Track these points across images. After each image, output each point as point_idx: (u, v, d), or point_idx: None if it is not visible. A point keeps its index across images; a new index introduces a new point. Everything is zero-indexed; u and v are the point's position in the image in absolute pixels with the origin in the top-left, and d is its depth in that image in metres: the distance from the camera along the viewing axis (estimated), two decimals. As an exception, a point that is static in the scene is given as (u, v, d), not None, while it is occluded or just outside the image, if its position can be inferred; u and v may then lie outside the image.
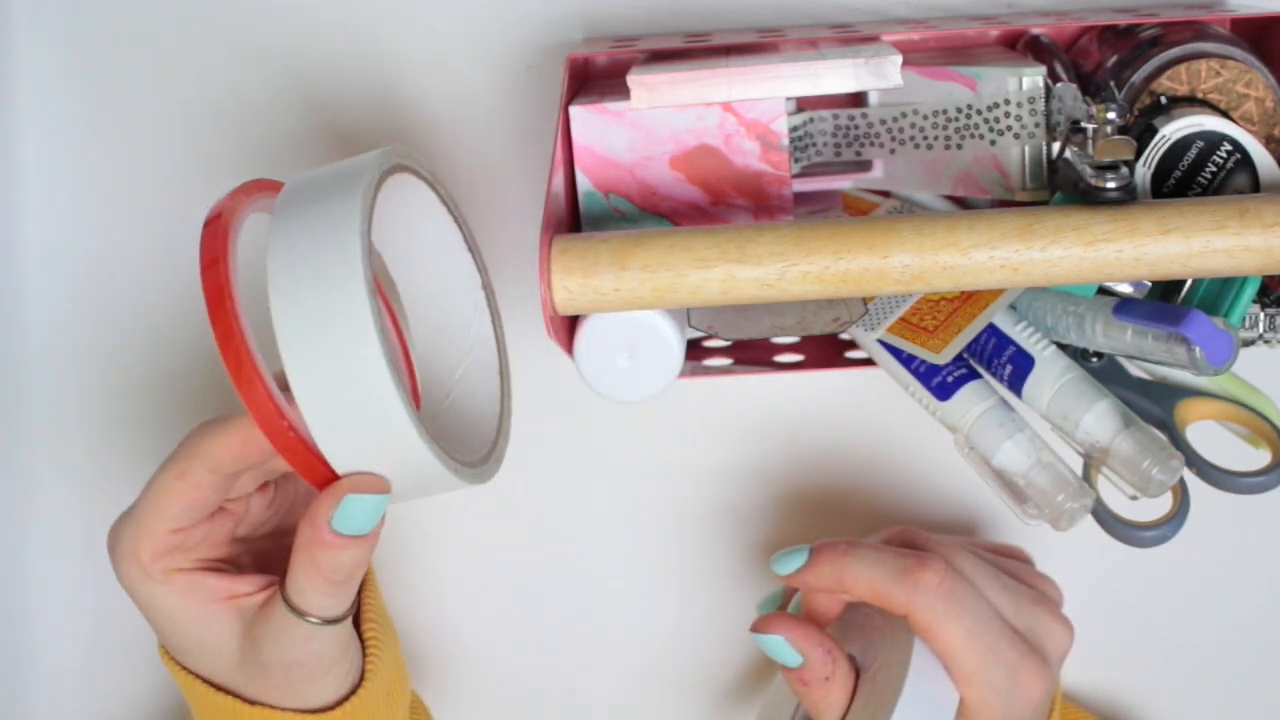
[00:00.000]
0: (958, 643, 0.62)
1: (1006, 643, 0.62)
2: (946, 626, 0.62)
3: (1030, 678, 0.62)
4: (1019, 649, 0.62)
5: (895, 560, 0.63)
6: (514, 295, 0.77)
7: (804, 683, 0.65)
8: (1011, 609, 0.64)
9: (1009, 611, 0.64)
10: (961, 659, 0.62)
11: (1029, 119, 0.67)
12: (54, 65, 0.76)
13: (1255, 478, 0.65)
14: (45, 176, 0.77)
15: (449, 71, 0.76)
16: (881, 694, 0.63)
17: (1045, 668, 0.63)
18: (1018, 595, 0.65)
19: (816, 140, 0.72)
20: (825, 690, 0.65)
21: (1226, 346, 0.61)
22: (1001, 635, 0.62)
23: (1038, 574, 0.69)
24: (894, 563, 0.63)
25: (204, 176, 0.77)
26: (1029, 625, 0.64)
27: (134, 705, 0.81)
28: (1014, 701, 0.62)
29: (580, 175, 0.68)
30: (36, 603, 0.80)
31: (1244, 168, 0.65)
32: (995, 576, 0.65)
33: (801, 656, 0.65)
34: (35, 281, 0.78)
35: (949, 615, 0.62)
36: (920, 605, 0.62)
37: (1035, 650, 0.63)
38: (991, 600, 0.64)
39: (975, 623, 0.62)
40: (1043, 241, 0.61)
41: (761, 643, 0.65)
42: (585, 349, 0.65)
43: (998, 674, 0.62)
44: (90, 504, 0.79)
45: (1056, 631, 0.65)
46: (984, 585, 0.64)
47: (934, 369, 0.69)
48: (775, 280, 0.62)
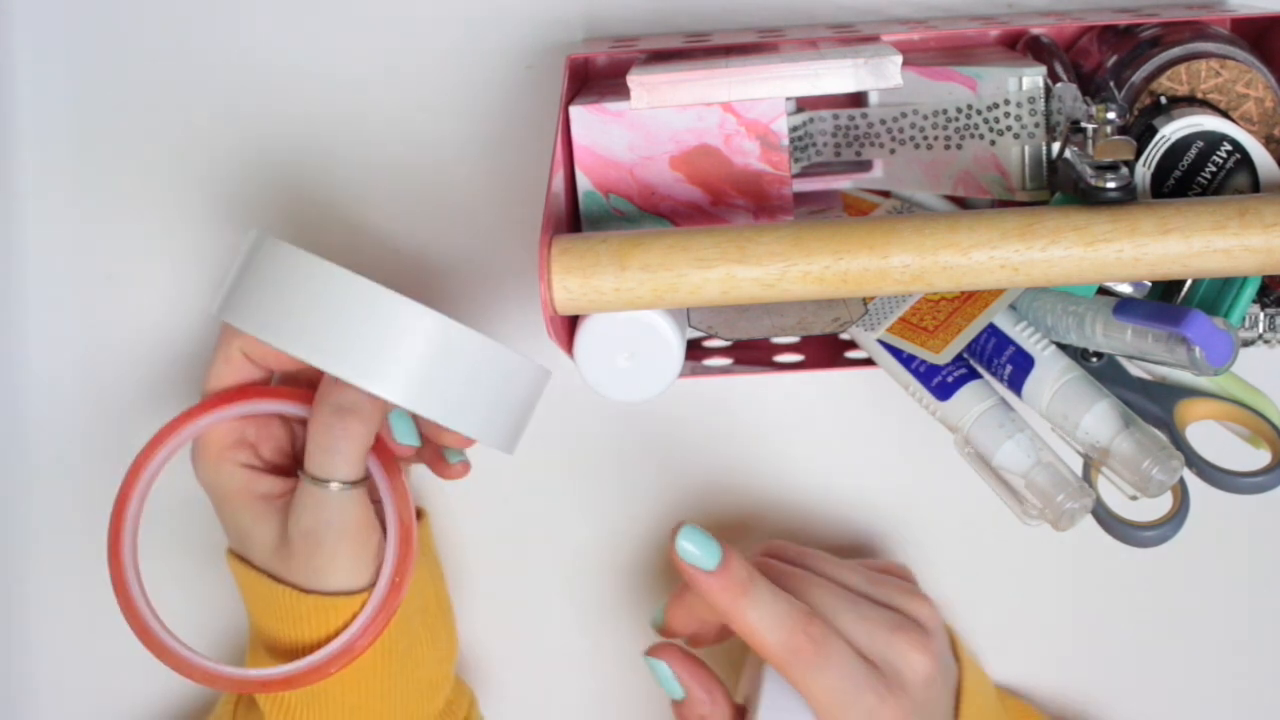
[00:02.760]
0: (819, 696, 0.64)
1: (866, 687, 0.64)
2: (808, 680, 0.64)
3: (889, 715, 0.64)
4: (878, 691, 0.64)
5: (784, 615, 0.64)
6: (514, 295, 0.77)
7: (680, 716, 0.68)
8: (866, 640, 0.66)
9: (864, 643, 0.66)
10: (825, 710, 0.64)
11: (1029, 119, 0.67)
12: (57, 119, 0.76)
13: (1255, 478, 0.65)
14: (44, 184, 0.77)
15: (449, 71, 0.76)
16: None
17: (904, 700, 0.65)
18: (875, 625, 0.66)
19: (816, 140, 0.72)
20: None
21: (1226, 346, 0.61)
22: (860, 681, 0.64)
23: (907, 594, 0.69)
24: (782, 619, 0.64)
25: (206, 183, 0.77)
26: (883, 655, 0.66)
27: (134, 705, 0.81)
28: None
29: (580, 175, 0.68)
30: (36, 602, 0.80)
31: (1244, 168, 0.65)
32: (852, 606, 0.67)
33: (683, 690, 0.67)
34: (35, 280, 0.78)
35: (809, 671, 0.64)
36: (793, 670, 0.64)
37: (894, 686, 0.65)
38: (847, 633, 0.65)
39: (837, 677, 0.64)
40: (1043, 241, 0.61)
41: (650, 666, 0.68)
42: (585, 349, 0.65)
43: (859, 717, 0.64)
44: (90, 504, 0.79)
45: (914, 659, 0.66)
46: (839, 617, 0.66)
47: (934, 369, 0.69)
48: (775, 280, 0.62)
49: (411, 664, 0.70)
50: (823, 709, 0.64)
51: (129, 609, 0.68)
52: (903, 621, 0.67)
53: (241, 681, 0.68)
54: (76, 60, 0.76)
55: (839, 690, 0.64)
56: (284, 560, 0.68)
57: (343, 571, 0.67)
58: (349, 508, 0.66)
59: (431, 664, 0.72)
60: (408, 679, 0.70)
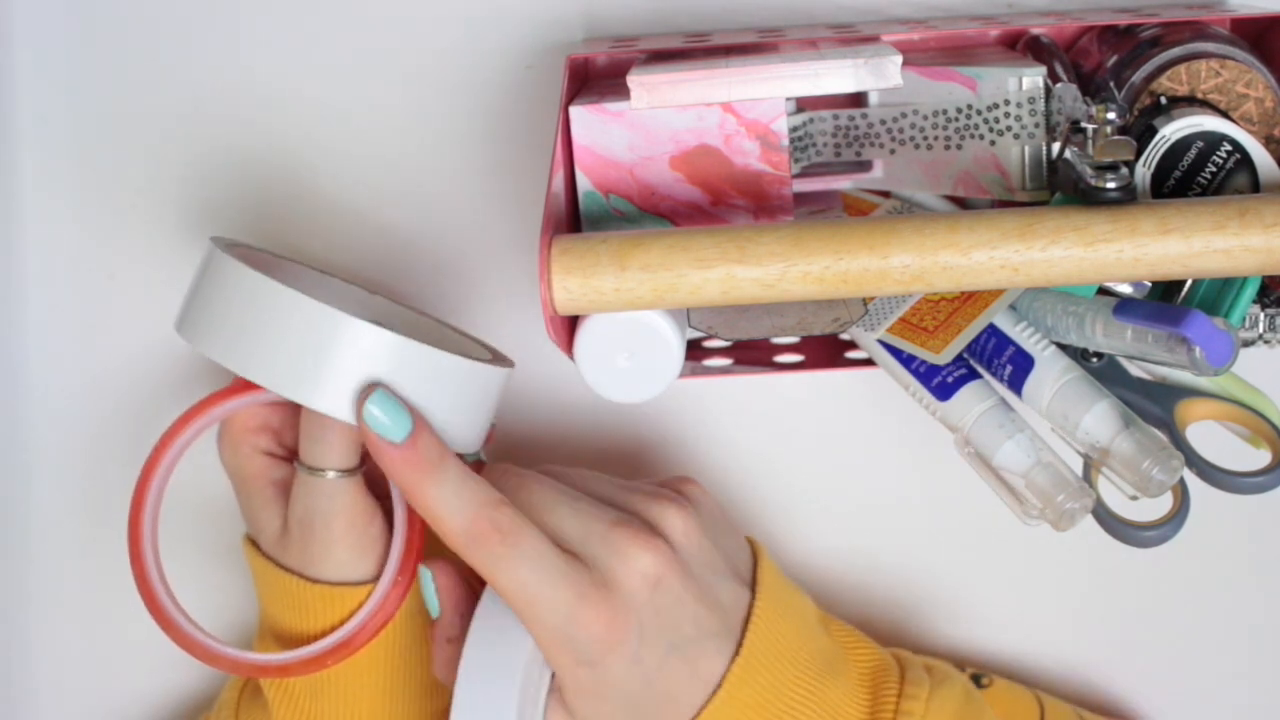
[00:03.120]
0: (507, 590, 0.59)
1: (563, 583, 0.59)
2: (494, 572, 0.59)
3: (590, 613, 0.59)
4: (578, 587, 0.59)
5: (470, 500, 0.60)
6: (514, 295, 0.77)
7: (433, 638, 0.64)
8: (579, 535, 0.60)
9: (575, 539, 0.60)
10: (517, 607, 0.59)
11: (1029, 119, 0.67)
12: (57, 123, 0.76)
13: (1255, 478, 0.65)
14: (45, 184, 0.77)
15: (449, 72, 0.76)
16: None
17: (609, 601, 0.59)
18: (591, 520, 0.61)
19: (816, 140, 0.72)
20: (444, 651, 0.64)
21: (1226, 346, 0.61)
22: (556, 577, 0.59)
23: (656, 499, 0.62)
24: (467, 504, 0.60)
25: (206, 184, 0.77)
26: (596, 552, 0.60)
27: (134, 705, 0.81)
28: (580, 642, 0.59)
29: (580, 175, 0.68)
30: (36, 602, 0.80)
31: (1244, 168, 0.65)
32: (570, 503, 0.61)
33: (439, 609, 0.64)
34: (35, 280, 0.78)
35: (495, 561, 0.59)
36: (475, 558, 0.60)
37: (599, 583, 0.59)
38: (555, 528, 0.60)
39: (528, 569, 0.59)
40: (1043, 241, 0.61)
41: (420, 575, 0.64)
42: (585, 349, 0.65)
43: (554, 616, 0.59)
44: (90, 504, 0.79)
45: (635, 557, 0.60)
46: (550, 511, 0.61)
47: (934, 369, 0.69)
48: (775, 280, 0.62)
49: (415, 661, 0.70)
50: (515, 605, 0.59)
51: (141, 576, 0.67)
52: (627, 519, 0.61)
53: (238, 663, 0.67)
54: (77, 60, 0.76)
55: (529, 584, 0.59)
56: (285, 548, 0.68)
57: (338, 561, 0.67)
58: (339, 496, 0.66)
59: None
60: (411, 675, 0.70)
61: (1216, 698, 0.81)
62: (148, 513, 0.68)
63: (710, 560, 0.63)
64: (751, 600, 0.63)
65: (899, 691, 0.66)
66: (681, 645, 0.61)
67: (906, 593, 0.80)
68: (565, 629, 0.59)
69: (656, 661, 0.60)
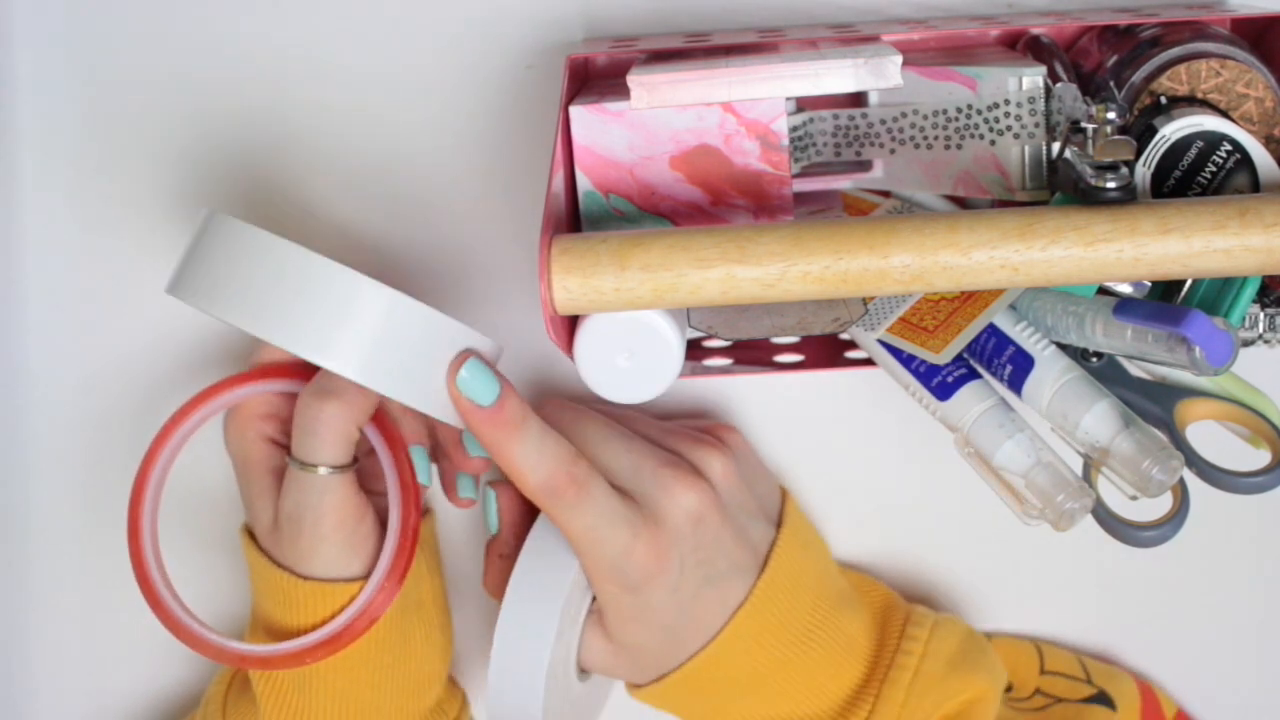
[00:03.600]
0: (574, 534, 0.65)
1: (621, 523, 0.65)
2: (565, 519, 0.64)
3: (641, 547, 0.65)
4: (633, 526, 0.65)
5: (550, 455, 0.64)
6: (514, 295, 0.77)
7: (487, 553, 0.70)
8: (631, 474, 0.66)
9: (628, 477, 0.66)
10: (579, 545, 0.65)
11: (1029, 119, 0.67)
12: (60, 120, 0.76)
13: (1255, 478, 0.65)
14: (45, 183, 0.77)
15: (449, 71, 0.76)
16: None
17: (660, 536, 0.65)
18: (641, 459, 0.67)
19: (816, 140, 0.72)
20: (496, 566, 0.70)
21: (1226, 346, 0.61)
22: (616, 518, 0.65)
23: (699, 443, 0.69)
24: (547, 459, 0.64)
25: (205, 183, 0.77)
26: (646, 490, 0.66)
27: (134, 705, 0.81)
28: (628, 572, 0.65)
29: (580, 175, 0.68)
30: (36, 602, 0.80)
31: (1244, 168, 0.65)
32: (623, 442, 0.67)
33: (498, 526, 0.70)
34: (35, 280, 0.78)
35: (567, 509, 0.64)
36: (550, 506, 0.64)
37: (649, 521, 0.65)
38: (610, 468, 0.66)
39: (593, 514, 0.64)
40: (1043, 241, 0.61)
41: (484, 493, 0.70)
42: (585, 349, 0.65)
43: (611, 550, 0.65)
44: (90, 502, 0.79)
45: (680, 495, 0.66)
46: (603, 449, 0.67)
47: (934, 369, 0.69)
48: (775, 280, 0.62)
49: (404, 658, 0.70)
50: (578, 546, 0.65)
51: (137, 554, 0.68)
52: (674, 460, 0.67)
53: (223, 651, 0.68)
54: (77, 60, 0.76)
55: (593, 528, 0.64)
56: (277, 542, 0.68)
57: (326, 558, 0.67)
58: (329, 493, 0.66)
59: (424, 660, 0.72)
60: (399, 673, 0.70)
61: (1216, 698, 0.81)
62: (150, 491, 0.68)
63: (744, 502, 0.69)
64: (777, 535, 0.71)
65: (904, 623, 0.73)
66: (714, 578, 0.67)
67: (906, 592, 0.80)
68: (617, 561, 0.65)
69: (692, 590, 0.67)
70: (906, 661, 0.71)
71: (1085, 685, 0.77)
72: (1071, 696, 0.77)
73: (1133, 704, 0.77)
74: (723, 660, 0.68)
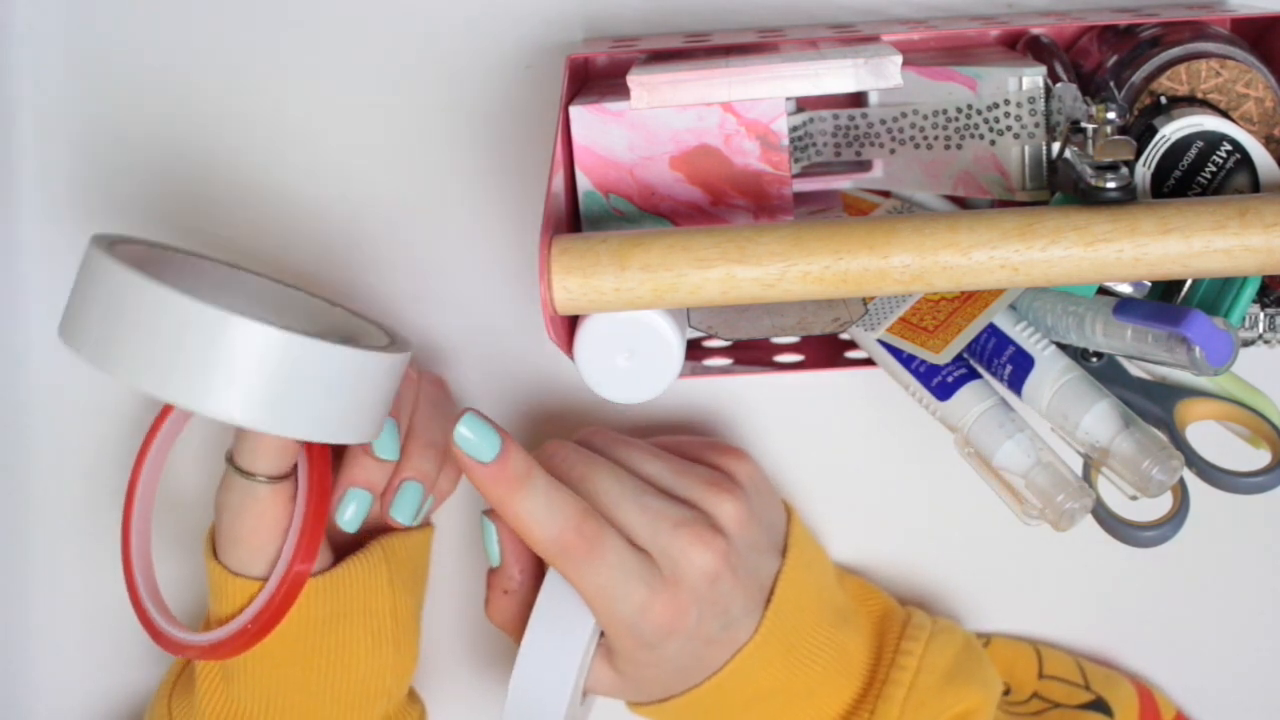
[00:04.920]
0: (588, 591, 0.64)
1: (637, 581, 0.64)
2: (578, 576, 0.64)
3: (658, 608, 0.64)
4: (651, 584, 0.64)
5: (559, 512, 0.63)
6: (514, 295, 0.77)
7: (490, 585, 0.69)
8: (648, 533, 0.65)
9: (645, 536, 0.65)
10: (594, 604, 0.65)
11: (1029, 119, 0.67)
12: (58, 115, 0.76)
13: (1255, 478, 0.65)
14: (44, 182, 0.77)
15: (449, 71, 0.76)
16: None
17: (676, 598, 0.65)
18: (658, 518, 0.65)
19: (816, 140, 0.72)
20: (500, 601, 0.69)
21: (1226, 346, 0.61)
22: (631, 576, 0.64)
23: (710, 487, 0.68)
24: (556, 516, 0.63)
25: (204, 181, 0.77)
26: (664, 549, 0.65)
27: (135, 705, 0.81)
28: (645, 631, 0.65)
29: (580, 175, 0.68)
30: (36, 602, 0.80)
31: (1244, 168, 0.65)
32: (637, 497, 0.66)
33: (500, 559, 0.68)
34: (36, 281, 0.78)
35: (580, 567, 0.64)
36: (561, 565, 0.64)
37: (669, 580, 0.65)
38: (626, 526, 0.65)
39: (608, 573, 0.64)
40: (1043, 241, 0.61)
41: (484, 525, 0.68)
42: (585, 349, 0.65)
43: (626, 609, 0.64)
44: (89, 503, 0.79)
45: (696, 556, 0.65)
46: (619, 507, 0.65)
47: (934, 369, 0.69)
48: (775, 280, 0.62)
49: (341, 665, 0.70)
50: (593, 603, 0.64)
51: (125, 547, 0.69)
52: (690, 518, 0.66)
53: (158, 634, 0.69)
54: (77, 60, 0.76)
55: (608, 585, 0.64)
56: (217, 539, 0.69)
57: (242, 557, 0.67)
58: (251, 499, 0.66)
59: (370, 673, 0.71)
60: (336, 680, 0.70)
61: (1216, 698, 0.81)
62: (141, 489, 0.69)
63: (755, 541, 0.68)
64: (782, 564, 0.70)
65: (900, 636, 0.73)
66: (728, 624, 0.67)
67: (906, 592, 0.80)
68: (633, 618, 0.65)
69: (705, 638, 0.67)
70: (901, 677, 0.71)
71: (1083, 691, 0.77)
72: (1069, 702, 0.77)
73: (1130, 710, 0.77)
74: (727, 687, 0.68)
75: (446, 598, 0.80)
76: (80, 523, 0.80)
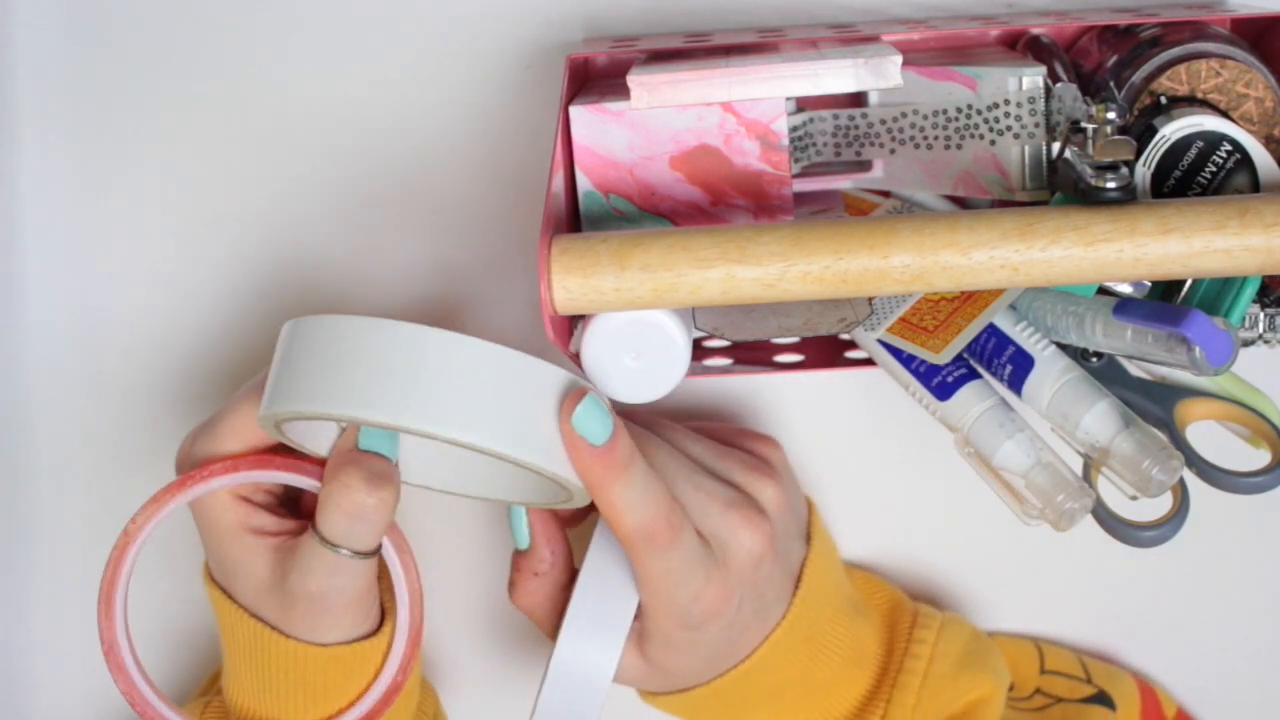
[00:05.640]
0: (656, 576, 0.64)
1: (698, 567, 0.64)
2: (651, 562, 0.63)
3: (710, 591, 0.64)
4: (707, 570, 0.64)
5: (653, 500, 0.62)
6: (514, 295, 0.77)
7: (517, 568, 0.69)
8: (701, 513, 0.65)
9: (698, 516, 0.65)
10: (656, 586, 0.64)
11: (1029, 119, 0.67)
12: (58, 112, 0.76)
13: (1255, 478, 0.65)
14: (44, 183, 0.77)
15: (449, 72, 0.76)
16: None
17: (728, 578, 0.65)
18: (710, 499, 0.66)
19: (816, 140, 0.72)
20: (531, 583, 0.68)
21: (1226, 346, 0.61)
22: (694, 562, 0.64)
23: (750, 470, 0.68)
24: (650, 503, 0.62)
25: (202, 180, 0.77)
26: (715, 530, 0.65)
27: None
28: (694, 615, 0.65)
29: (580, 175, 0.68)
30: (36, 604, 0.80)
31: (1244, 168, 0.65)
32: (690, 476, 0.66)
33: (529, 541, 0.68)
34: (36, 282, 0.78)
35: (658, 554, 0.63)
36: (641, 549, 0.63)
37: (720, 565, 0.65)
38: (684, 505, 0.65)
39: (679, 560, 0.63)
40: (1043, 241, 0.61)
41: (511, 510, 0.68)
42: (593, 349, 0.65)
43: (684, 594, 0.64)
44: (89, 504, 0.79)
45: (745, 537, 0.66)
46: (675, 485, 0.65)
47: (934, 369, 0.69)
48: (775, 280, 0.62)
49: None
50: (652, 586, 0.64)
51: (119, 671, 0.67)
52: (738, 499, 0.66)
53: None
54: (77, 58, 0.76)
55: (675, 571, 0.63)
56: (282, 610, 0.65)
57: (343, 630, 0.66)
58: (360, 576, 0.64)
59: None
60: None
61: (1216, 698, 0.81)
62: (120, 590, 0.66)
63: (788, 527, 0.69)
64: (808, 551, 0.71)
65: (912, 625, 0.74)
66: (762, 610, 0.68)
67: (907, 592, 0.80)
68: (687, 605, 0.64)
69: (742, 624, 0.67)
70: (915, 665, 0.72)
71: (1085, 685, 0.77)
72: (1071, 696, 0.77)
73: (1133, 704, 0.77)
74: (751, 676, 0.69)
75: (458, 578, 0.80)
76: (81, 524, 0.80)
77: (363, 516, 0.62)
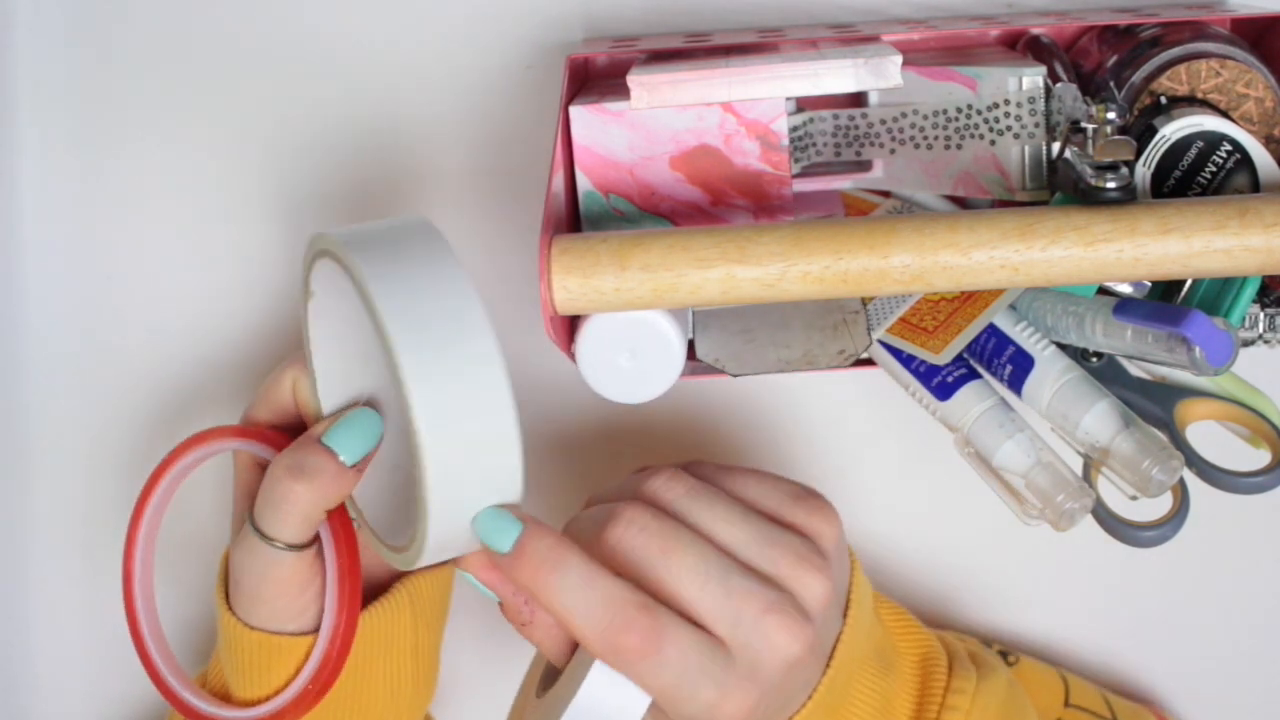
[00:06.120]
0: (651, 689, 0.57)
1: (706, 680, 0.57)
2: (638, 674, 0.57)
3: (730, 705, 0.57)
4: (720, 683, 0.57)
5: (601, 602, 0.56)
6: (514, 295, 0.77)
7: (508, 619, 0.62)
8: (731, 619, 0.58)
9: (727, 623, 0.58)
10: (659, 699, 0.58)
11: (1029, 119, 0.67)
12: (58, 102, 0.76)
13: (1255, 478, 0.65)
14: (44, 181, 0.77)
15: (449, 72, 0.76)
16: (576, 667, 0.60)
17: (750, 690, 0.58)
18: (745, 603, 0.58)
19: (816, 140, 0.72)
20: (527, 631, 0.61)
21: (1226, 346, 0.61)
22: (699, 674, 0.57)
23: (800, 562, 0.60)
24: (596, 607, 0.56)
25: (201, 180, 0.77)
26: (746, 639, 0.58)
27: (134, 705, 0.81)
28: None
29: (580, 175, 0.68)
30: (37, 603, 0.80)
31: (1244, 168, 0.65)
32: (723, 578, 0.58)
33: (497, 595, 0.61)
34: (36, 282, 0.78)
35: (639, 665, 0.57)
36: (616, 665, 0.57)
37: (741, 676, 0.58)
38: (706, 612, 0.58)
39: (673, 672, 0.57)
40: (1043, 241, 0.61)
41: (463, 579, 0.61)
42: (587, 348, 0.65)
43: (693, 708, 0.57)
44: (90, 504, 0.79)
45: (780, 642, 0.58)
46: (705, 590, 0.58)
47: (934, 369, 0.69)
48: (775, 280, 0.62)
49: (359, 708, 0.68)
50: (658, 699, 0.57)
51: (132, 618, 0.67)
52: (778, 601, 0.58)
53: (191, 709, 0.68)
54: (77, 56, 0.76)
55: (674, 686, 0.56)
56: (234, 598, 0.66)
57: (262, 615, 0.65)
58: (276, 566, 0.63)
59: (388, 711, 0.69)
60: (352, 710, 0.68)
61: (1216, 698, 0.81)
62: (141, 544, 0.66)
63: (831, 618, 0.61)
64: (843, 627, 0.63)
65: (946, 685, 0.66)
66: (787, 701, 0.60)
67: (904, 592, 0.80)
68: (700, 715, 0.57)
69: (762, 716, 0.59)
70: None
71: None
72: None
73: None
74: None
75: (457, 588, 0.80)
76: (81, 523, 0.80)
77: (275, 504, 0.61)
